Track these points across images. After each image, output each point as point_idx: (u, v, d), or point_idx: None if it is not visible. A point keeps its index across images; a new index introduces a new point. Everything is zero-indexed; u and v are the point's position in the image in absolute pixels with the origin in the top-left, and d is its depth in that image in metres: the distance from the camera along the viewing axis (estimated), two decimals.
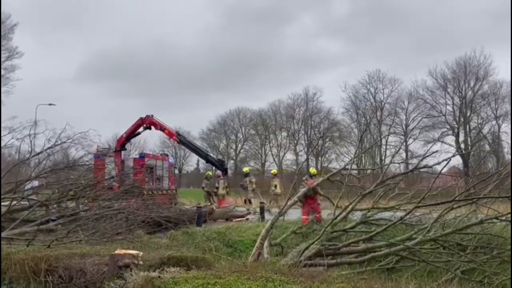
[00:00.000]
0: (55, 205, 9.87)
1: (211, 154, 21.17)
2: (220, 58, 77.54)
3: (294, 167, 47.30)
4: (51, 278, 4.91)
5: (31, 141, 10.73)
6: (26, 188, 10.50)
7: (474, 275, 7.04)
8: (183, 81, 78.31)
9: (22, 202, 9.85)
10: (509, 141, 38.82)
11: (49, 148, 10.74)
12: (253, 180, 18.48)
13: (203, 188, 18.76)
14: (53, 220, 9.00)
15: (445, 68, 41.31)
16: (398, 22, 67.93)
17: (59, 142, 10.70)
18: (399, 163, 35.79)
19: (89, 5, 79.70)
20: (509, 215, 6.51)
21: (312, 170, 14.51)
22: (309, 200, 12.04)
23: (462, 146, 39.73)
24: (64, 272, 4.92)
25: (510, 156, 37.28)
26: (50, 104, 35.03)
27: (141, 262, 4.61)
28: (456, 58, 41.30)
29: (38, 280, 4.98)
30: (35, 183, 11.73)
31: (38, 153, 11.03)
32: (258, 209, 16.29)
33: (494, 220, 7.03)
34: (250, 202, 17.73)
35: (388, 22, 67.89)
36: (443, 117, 41.71)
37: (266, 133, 51.57)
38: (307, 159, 46.22)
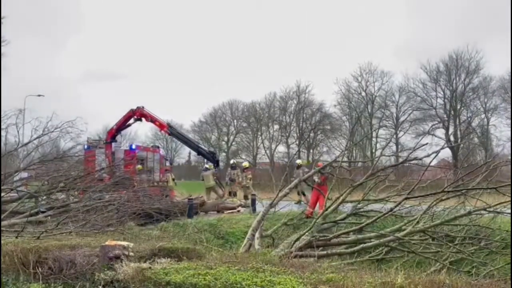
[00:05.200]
0: (44, 197, 9.79)
1: (203, 146, 21.05)
2: (217, 58, 79.07)
3: (286, 159, 47.36)
4: (40, 269, 4.87)
5: (18, 131, 10.56)
6: (15, 179, 10.38)
7: (462, 265, 7.15)
8: (181, 78, 79.63)
9: (11, 194, 9.75)
10: (497, 135, 39.36)
11: (36, 138, 10.60)
12: (239, 173, 18.48)
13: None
14: (42, 212, 8.93)
15: (438, 61, 41.60)
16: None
17: (46, 131, 10.54)
18: (389, 156, 36.00)
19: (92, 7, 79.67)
20: (497, 207, 6.59)
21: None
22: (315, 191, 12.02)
23: (452, 138, 40.11)
24: (54, 263, 4.88)
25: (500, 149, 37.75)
26: (39, 95, 34.64)
27: (131, 253, 4.60)
28: (448, 52, 41.63)
29: (27, 271, 4.94)
30: (24, 174, 11.60)
31: (26, 144, 10.89)
32: (244, 201, 16.45)
33: (482, 212, 7.12)
34: (235, 194, 17.72)
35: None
36: (434, 110, 42.03)
37: (258, 126, 51.48)
38: (298, 152, 46.34)
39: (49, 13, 76.96)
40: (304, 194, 17.17)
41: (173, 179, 19.33)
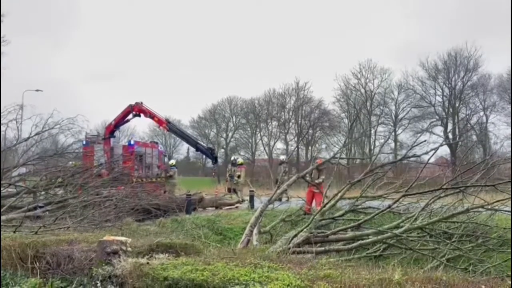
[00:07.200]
0: (43, 192, 9.79)
1: (201, 143, 21.03)
2: (215, 55, 79.46)
3: (286, 156, 47.33)
4: (38, 264, 4.87)
5: (17, 127, 10.54)
6: (13, 174, 10.37)
7: (459, 262, 7.18)
8: (180, 75, 79.94)
9: (9, 189, 9.75)
10: (496, 132, 39.43)
11: (36, 134, 10.58)
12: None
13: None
14: (40, 207, 8.93)
15: (436, 59, 41.63)
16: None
17: (46, 128, 10.54)
18: (387, 154, 36.06)
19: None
20: (495, 204, 6.59)
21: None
22: (312, 188, 12.03)
23: (450, 136, 40.16)
24: (51, 258, 4.88)
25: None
26: (37, 90, 34.55)
27: (129, 249, 4.59)
28: (447, 49, 41.70)
29: (25, 266, 4.94)
30: (23, 169, 11.59)
31: (26, 139, 10.86)
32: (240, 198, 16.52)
33: (480, 209, 7.12)
34: (234, 191, 17.71)
35: None
36: (432, 107, 42.06)
37: (257, 122, 51.45)
38: (297, 148, 46.38)
39: (50, 13, 77.05)
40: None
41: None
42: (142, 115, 17.00)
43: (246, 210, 13.52)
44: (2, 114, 10.19)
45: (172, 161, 20.20)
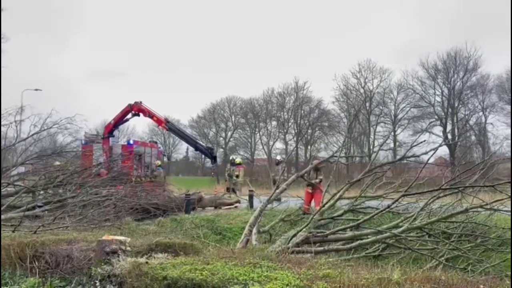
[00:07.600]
0: (41, 191, 9.78)
1: (200, 142, 21.02)
2: (215, 55, 79.50)
3: (284, 156, 47.33)
4: (37, 263, 4.86)
5: (16, 127, 10.52)
6: (12, 174, 10.35)
7: (458, 262, 7.19)
8: (179, 75, 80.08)
9: (8, 188, 9.73)
10: (494, 133, 39.45)
11: (35, 133, 10.57)
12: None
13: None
14: (39, 206, 8.92)
15: (436, 59, 41.64)
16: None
17: (45, 127, 10.54)
18: (386, 150, 36.05)
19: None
20: (494, 204, 6.60)
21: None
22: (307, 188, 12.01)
23: (449, 136, 40.19)
24: (50, 258, 4.87)
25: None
26: (36, 90, 34.51)
27: (128, 248, 4.59)
28: (447, 49, 41.71)
29: (24, 266, 4.93)
30: (21, 169, 11.57)
31: (25, 139, 10.85)
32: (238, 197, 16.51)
33: (479, 209, 7.14)
34: (233, 190, 17.69)
35: None
36: (432, 107, 42.07)
37: (256, 122, 51.42)
38: (296, 148, 46.38)
39: (50, 11, 77.02)
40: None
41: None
42: (141, 114, 16.99)
43: (245, 210, 13.50)
44: (2, 115, 10.19)
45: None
